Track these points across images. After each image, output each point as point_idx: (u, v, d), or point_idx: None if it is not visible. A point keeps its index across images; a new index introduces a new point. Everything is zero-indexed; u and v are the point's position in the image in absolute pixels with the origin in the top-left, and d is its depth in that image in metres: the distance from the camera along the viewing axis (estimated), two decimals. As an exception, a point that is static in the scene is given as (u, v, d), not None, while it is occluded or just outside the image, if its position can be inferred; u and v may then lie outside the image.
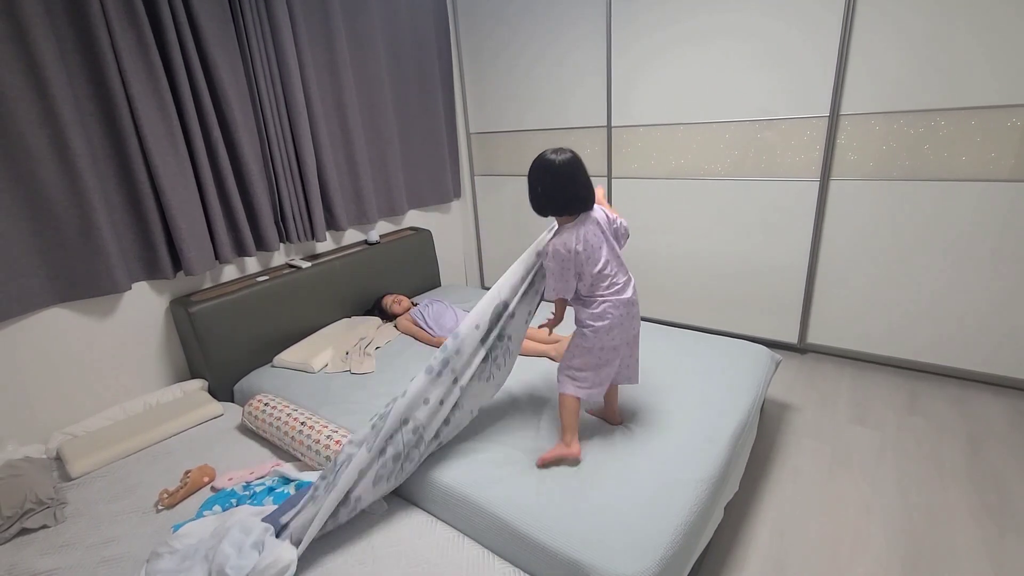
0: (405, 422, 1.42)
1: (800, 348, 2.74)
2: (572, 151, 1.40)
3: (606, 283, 1.44)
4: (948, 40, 2.02)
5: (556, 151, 1.39)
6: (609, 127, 2.89)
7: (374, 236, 2.83)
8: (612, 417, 1.66)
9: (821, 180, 2.40)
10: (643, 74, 2.70)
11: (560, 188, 1.40)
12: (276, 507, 1.36)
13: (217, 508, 1.42)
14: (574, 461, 1.48)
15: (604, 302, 1.44)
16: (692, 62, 2.56)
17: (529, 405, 1.78)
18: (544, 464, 1.47)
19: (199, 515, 1.39)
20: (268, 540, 1.23)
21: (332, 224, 2.66)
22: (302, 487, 1.47)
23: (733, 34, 2.42)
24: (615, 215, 1.52)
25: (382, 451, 1.39)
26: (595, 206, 1.47)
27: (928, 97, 2.10)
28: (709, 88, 2.55)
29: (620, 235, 1.53)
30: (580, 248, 1.40)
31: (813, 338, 2.68)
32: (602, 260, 1.43)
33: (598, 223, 1.45)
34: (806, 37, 2.27)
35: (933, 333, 2.37)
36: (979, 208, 2.13)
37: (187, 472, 1.57)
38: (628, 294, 1.46)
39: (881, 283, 2.42)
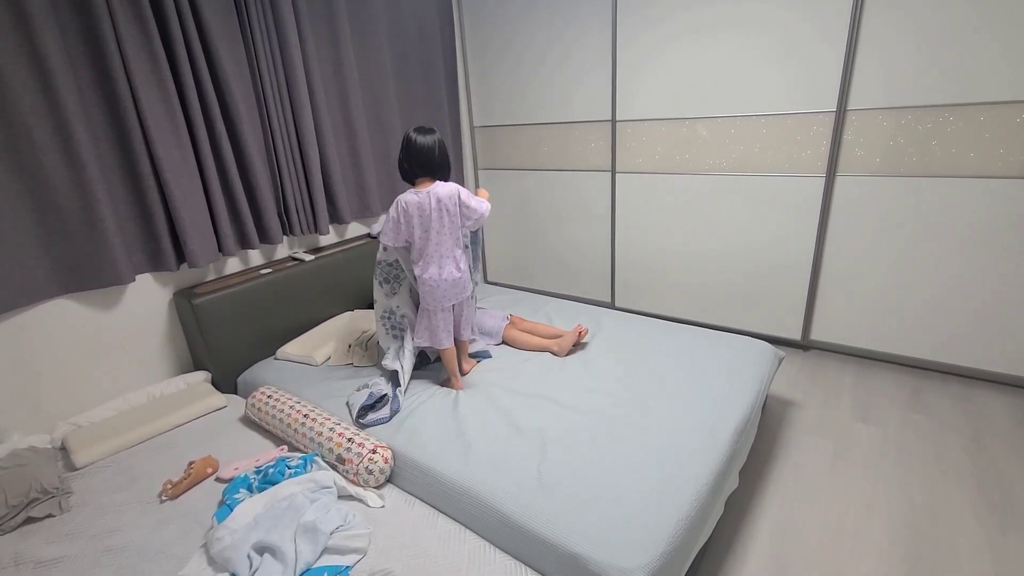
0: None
1: (803, 345, 2.73)
2: (434, 131, 1.80)
3: (426, 255, 1.79)
4: (958, 34, 2.00)
5: (419, 130, 1.79)
6: (613, 121, 2.88)
7: (377, 229, 2.83)
8: (455, 383, 1.90)
9: (827, 176, 2.38)
10: (648, 67, 2.69)
11: (412, 158, 1.78)
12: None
13: (243, 492, 1.43)
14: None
15: (426, 272, 1.79)
16: (697, 56, 2.54)
17: (530, 400, 1.78)
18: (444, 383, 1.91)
19: (233, 500, 1.40)
20: (351, 512, 1.34)
21: (335, 217, 2.66)
22: (309, 460, 1.53)
23: (739, 27, 2.40)
24: (477, 202, 1.81)
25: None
26: (451, 186, 1.79)
27: (937, 92, 2.08)
28: (714, 82, 2.53)
29: (468, 215, 1.80)
30: (414, 213, 1.76)
31: (816, 335, 2.67)
32: (429, 232, 1.76)
33: (440, 200, 1.76)
34: (814, 30, 2.24)
35: (937, 331, 2.36)
36: (986, 205, 2.11)
37: (191, 463, 1.58)
38: (437, 275, 1.79)
39: (886, 280, 2.41)
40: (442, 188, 1.79)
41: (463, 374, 1.97)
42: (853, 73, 2.22)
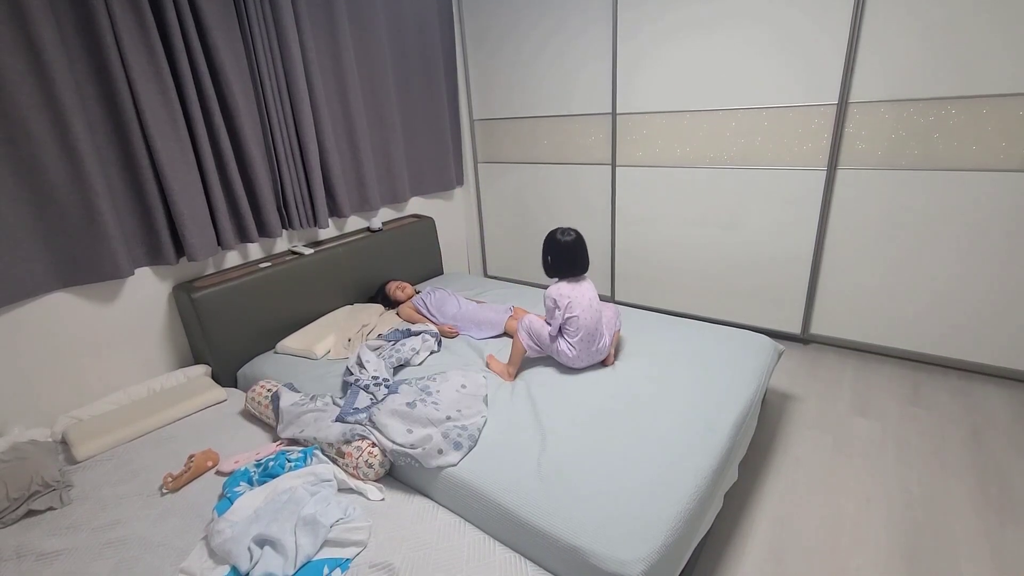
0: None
1: (803, 338, 2.73)
2: (576, 231, 1.95)
3: (581, 332, 1.84)
4: (960, 26, 1.98)
5: (563, 232, 1.94)
6: (614, 114, 2.86)
7: (376, 223, 2.82)
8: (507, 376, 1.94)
9: (828, 169, 2.37)
10: (649, 60, 2.67)
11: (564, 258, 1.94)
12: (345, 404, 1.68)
13: (244, 485, 1.44)
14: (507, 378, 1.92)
15: (569, 342, 1.87)
16: (699, 48, 2.52)
17: (529, 393, 1.78)
18: (488, 366, 1.98)
19: (233, 494, 1.40)
20: (351, 505, 1.35)
21: (334, 211, 2.65)
22: (309, 453, 1.53)
23: (741, 19, 2.38)
24: (611, 316, 1.97)
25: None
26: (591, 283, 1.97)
27: (939, 85, 2.07)
28: (716, 74, 2.52)
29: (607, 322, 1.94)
30: (572, 297, 1.88)
31: (816, 328, 2.67)
32: (589, 313, 1.86)
33: (592, 293, 1.92)
34: (816, 23, 2.23)
35: (937, 325, 2.36)
36: (988, 199, 2.10)
37: (191, 456, 1.58)
38: (586, 348, 1.86)
39: (886, 274, 2.40)
40: (590, 285, 1.96)
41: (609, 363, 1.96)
42: (855, 66, 2.20)
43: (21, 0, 1.55)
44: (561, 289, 1.91)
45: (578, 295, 1.89)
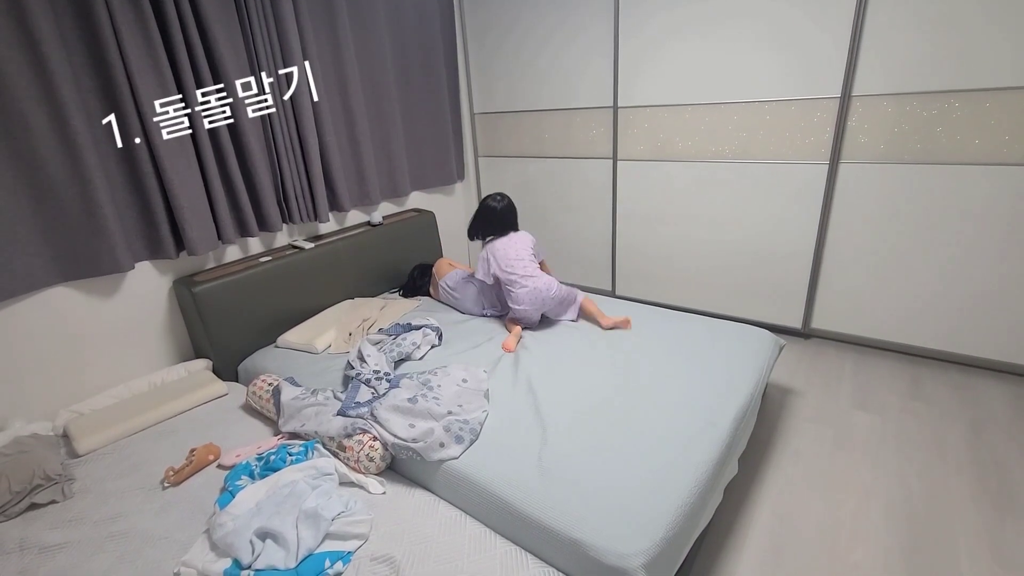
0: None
1: (804, 333, 2.73)
2: (507, 197, 2.40)
3: (517, 280, 2.18)
4: (963, 19, 1.96)
5: (494, 198, 2.38)
6: (615, 108, 2.85)
7: (377, 217, 2.81)
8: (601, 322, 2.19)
9: (830, 163, 2.36)
10: (651, 54, 2.65)
11: (491, 221, 2.38)
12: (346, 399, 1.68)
13: (245, 478, 1.44)
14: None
15: (520, 291, 2.17)
16: (701, 42, 2.50)
17: (530, 387, 1.78)
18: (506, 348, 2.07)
19: (235, 487, 1.40)
20: (352, 499, 1.34)
21: (335, 205, 2.64)
22: (310, 447, 1.54)
23: (744, 13, 2.36)
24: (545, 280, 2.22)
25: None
26: (526, 235, 2.39)
27: (942, 78, 2.06)
28: (718, 68, 2.50)
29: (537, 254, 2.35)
30: (501, 249, 2.28)
31: (817, 323, 2.67)
32: (517, 261, 2.23)
33: (522, 240, 2.33)
34: (818, 16, 2.21)
35: (938, 319, 2.36)
36: (991, 193, 2.09)
37: (192, 450, 1.58)
38: (531, 287, 2.17)
39: (888, 269, 2.40)
40: (522, 235, 2.37)
41: (607, 326, 2.16)
42: (858, 59, 2.19)
43: (18, -8, 1.54)
44: (495, 244, 2.32)
45: (502, 243, 2.29)
